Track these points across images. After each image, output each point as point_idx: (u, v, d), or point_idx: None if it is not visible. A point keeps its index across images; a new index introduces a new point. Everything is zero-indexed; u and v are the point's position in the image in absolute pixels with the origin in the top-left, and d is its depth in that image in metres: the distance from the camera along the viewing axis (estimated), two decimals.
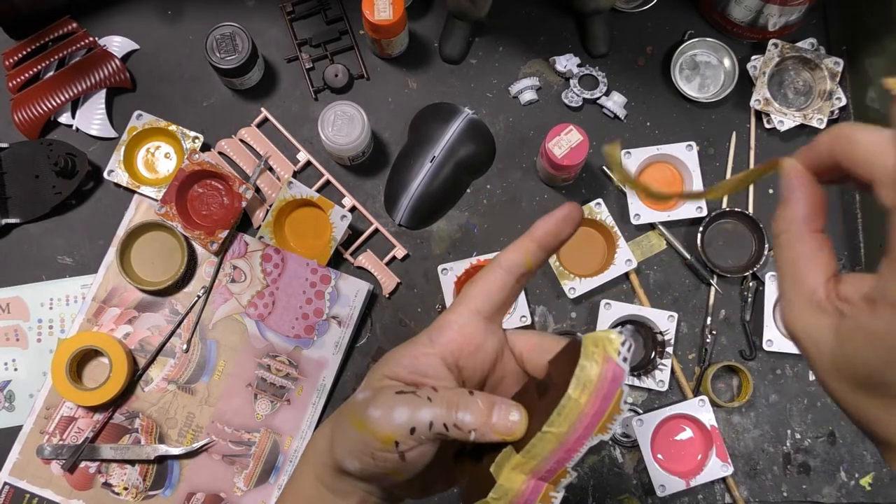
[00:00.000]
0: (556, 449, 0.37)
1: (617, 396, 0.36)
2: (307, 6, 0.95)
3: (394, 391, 0.39)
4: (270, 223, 0.89)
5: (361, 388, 0.42)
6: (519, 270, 0.42)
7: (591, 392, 0.36)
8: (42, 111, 0.91)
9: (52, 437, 0.87)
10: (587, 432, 0.36)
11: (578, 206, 0.42)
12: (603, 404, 0.36)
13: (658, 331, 0.88)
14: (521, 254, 0.41)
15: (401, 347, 0.42)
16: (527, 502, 0.37)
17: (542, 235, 0.42)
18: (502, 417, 0.38)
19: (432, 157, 0.90)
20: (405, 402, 0.38)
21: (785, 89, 0.95)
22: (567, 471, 0.37)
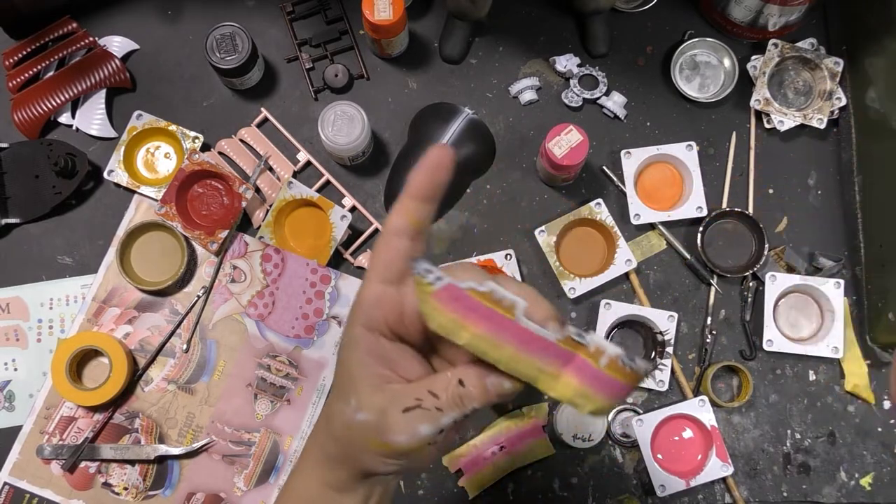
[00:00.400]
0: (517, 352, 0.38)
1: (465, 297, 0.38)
2: (307, 6, 0.95)
3: (400, 410, 0.40)
4: (270, 223, 0.89)
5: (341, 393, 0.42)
6: (408, 231, 0.41)
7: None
8: (42, 111, 0.91)
9: (52, 437, 0.87)
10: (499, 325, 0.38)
11: (445, 148, 0.42)
12: (462, 309, 0.38)
13: (658, 331, 0.88)
14: (402, 215, 0.41)
15: (344, 350, 0.42)
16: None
17: (417, 189, 0.41)
18: (497, 388, 0.40)
19: None
20: (423, 420, 0.40)
21: (785, 89, 0.95)
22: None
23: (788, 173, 0.94)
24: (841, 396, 0.90)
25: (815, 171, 0.94)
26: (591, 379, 0.39)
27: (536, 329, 0.38)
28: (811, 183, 0.94)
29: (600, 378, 0.39)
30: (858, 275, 0.90)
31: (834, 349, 0.88)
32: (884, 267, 0.87)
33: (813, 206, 0.94)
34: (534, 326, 0.38)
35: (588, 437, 0.86)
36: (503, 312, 0.38)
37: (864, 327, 0.89)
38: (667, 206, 0.92)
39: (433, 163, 0.41)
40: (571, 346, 0.39)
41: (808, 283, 0.89)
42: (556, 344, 0.39)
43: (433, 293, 0.38)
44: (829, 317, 0.89)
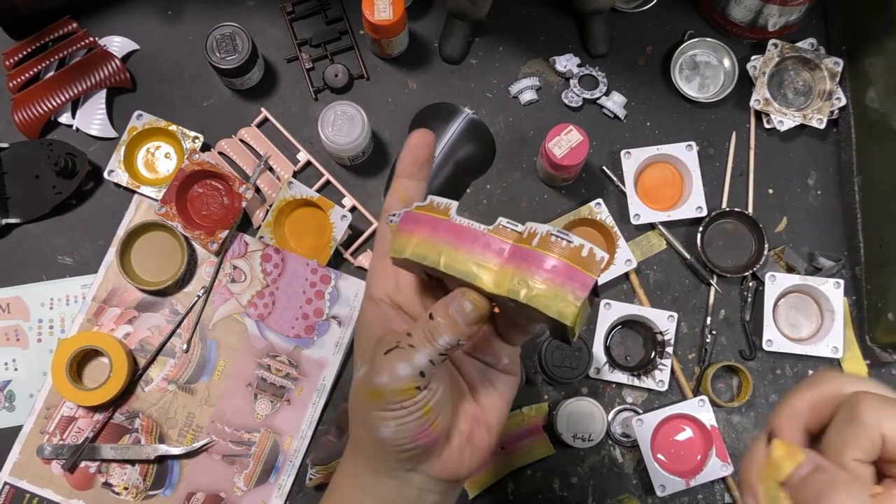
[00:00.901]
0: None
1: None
2: (307, 6, 0.95)
3: (383, 352, 0.42)
4: (270, 223, 0.89)
5: (355, 366, 0.46)
6: (401, 208, 0.45)
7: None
8: (42, 111, 0.91)
9: (53, 437, 0.87)
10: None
11: (424, 130, 0.46)
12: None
13: (658, 331, 0.88)
14: (394, 194, 0.46)
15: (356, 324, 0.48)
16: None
17: (404, 169, 0.46)
18: (461, 314, 0.41)
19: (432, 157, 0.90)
20: (399, 358, 0.41)
21: (785, 89, 0.95)
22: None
23: (788, 173, 0.94)
24: None
25: (814, 171, 0.94)
26: (526, 261, 0.36)
27: (467, 223, 0.39)
28: (811, 183, 0.94)
29: (533, 258, 0.36)
30: (858, 275, 0.90)
31: (834, 349, 0.88)
32: (883, 267, 0.87)
33: (813, 206, 0.94)
34: (465, 221, 0.40)
35: (588, 436, 0.86)
36: (439, 216, 0.40)
37: (864, 327, 0.89)
38: (667, 206, 0.92)
39: (414, 143, 0.46)
40: (505, 235, 0.38)
41: (807, 283, 0.89)
42: (487, 234, 0.38)
43: (395, 228, 0.42)
44: (829, 317, 0.89)
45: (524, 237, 0.38)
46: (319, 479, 0.86)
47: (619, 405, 0.89)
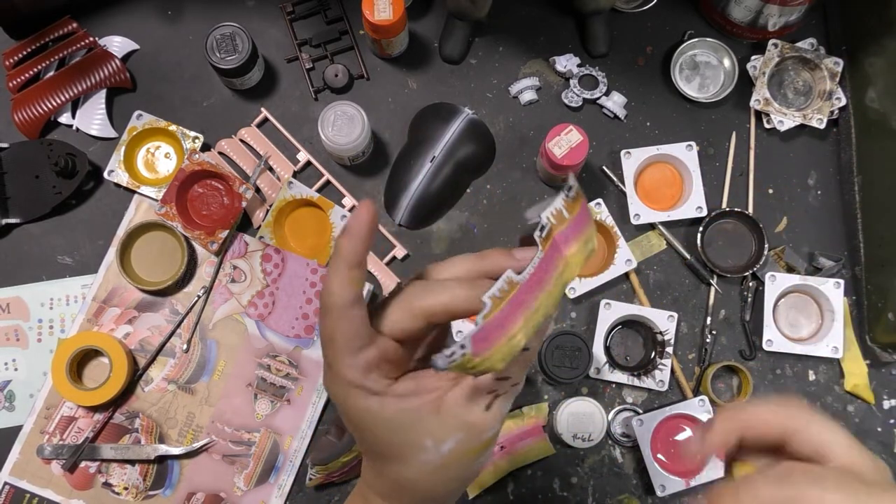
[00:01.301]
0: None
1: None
2: (307, 6, 0.95)
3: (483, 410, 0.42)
4: (270, 223, 0.89)
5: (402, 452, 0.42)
6: (359, 298, 0.40)
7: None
8: (42, 111, 0.91)
9: (53, 437, 0.87)
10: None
11: (368, 205, 0.39)
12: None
13: (658, 331, 0.88)
14: (349, 285, 0.39)
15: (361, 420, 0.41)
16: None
17: (353, 257, 0.39)
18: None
19: (432, 157, 0.90)
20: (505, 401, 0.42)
21: (785, 89, 0.95)
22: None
23: (788, 173, 0.94)
24: (840, 396, 0.90)
25: (814, 171, 0.94)
26: (576, 229, 0.40)
27: (529, 270, 0.38)
28: (811, 183, 0.94)
29: (576, 221, 0.40)
30: (858, 275, 0.90)
31: (834, 349, 0.88)
32: (883, 267, 0.87)
33: (813, 206, 0.94)
34: (528, 270, 0.38)
35: (588, 436, 0.86)
36: (510, 293, 0.38)
37: (864, 327, 0.89)
38: (667, 206, 0.92)
39: (364, 227, 0.39)
40: (548, 238, 0.39)
41: (807, 283, 0.89)
42: (546, 256, 0.39)
43: (472, 358, 0.37)
44: (829, 317, 0.89)
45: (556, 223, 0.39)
46: (319, 479, 0.86)
47: (619, 405, 0.89)
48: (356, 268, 0.39)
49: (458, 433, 0.41)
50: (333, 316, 0.39)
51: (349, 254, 0.39)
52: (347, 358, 0.40)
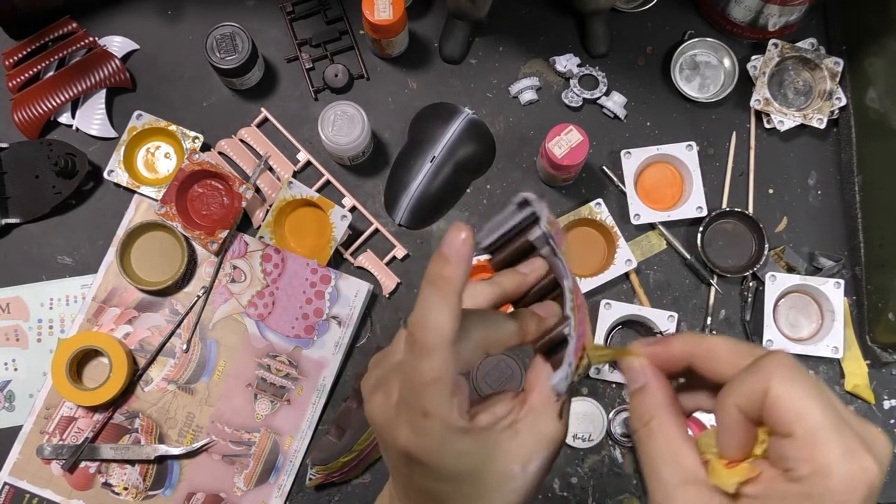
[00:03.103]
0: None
1: None
2: (307, 6, 0.95)
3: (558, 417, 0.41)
4: (270, 223, 0.89)
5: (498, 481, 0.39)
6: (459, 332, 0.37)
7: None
8: (42, 111, 0.91)
9: (52, 437, 0.87)
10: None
11: (469, 231, 0.36)
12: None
13: (658, 331, 0.88)
14: (457, 321, 0.36)
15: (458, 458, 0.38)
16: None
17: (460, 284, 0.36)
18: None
19: (432, 157, 0.90)
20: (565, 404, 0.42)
21: (785, 89, 0.95)
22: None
23: (788, 173, 0.94)
24: (841, 396, 0.90)
25: (815, 171, 0.94)
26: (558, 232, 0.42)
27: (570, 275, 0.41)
28: (811, 183, 0.94)
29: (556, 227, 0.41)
30: (858, 275, 0.90)
31: (834, 349, 0.88)
32: (884, 267, 0.87)
33: (813, 206, 0.94)
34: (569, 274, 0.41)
35: (588, 437, 0.86)
36: (577, 297, 0.40)
37: (864, 327, 0.89)
38: (667, 206, 0.92)
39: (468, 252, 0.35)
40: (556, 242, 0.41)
41: (808, 283, 0.89)
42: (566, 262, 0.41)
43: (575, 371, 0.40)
44: (829, 317, 0.89)
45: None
46: (319, 479, 0.86)
47: (619, 405, 0.89)
48: (460, 297, 0.35)
49: (541, 450, 0.39)
50: (441, 355, 0.35)
51: (457, 281, 0.35)
52: (448, 399, 0.36)
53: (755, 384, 0.33)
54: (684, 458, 0.35)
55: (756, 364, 0.34)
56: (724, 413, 0.34)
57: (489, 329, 0.39)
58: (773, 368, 0.33)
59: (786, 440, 0.32)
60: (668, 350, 0.38)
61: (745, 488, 0.33)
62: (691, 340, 0.37)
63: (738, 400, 0.34)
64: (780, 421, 0.32)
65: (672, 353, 0.38)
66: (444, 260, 0.35)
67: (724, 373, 0.36)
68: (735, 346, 0.36)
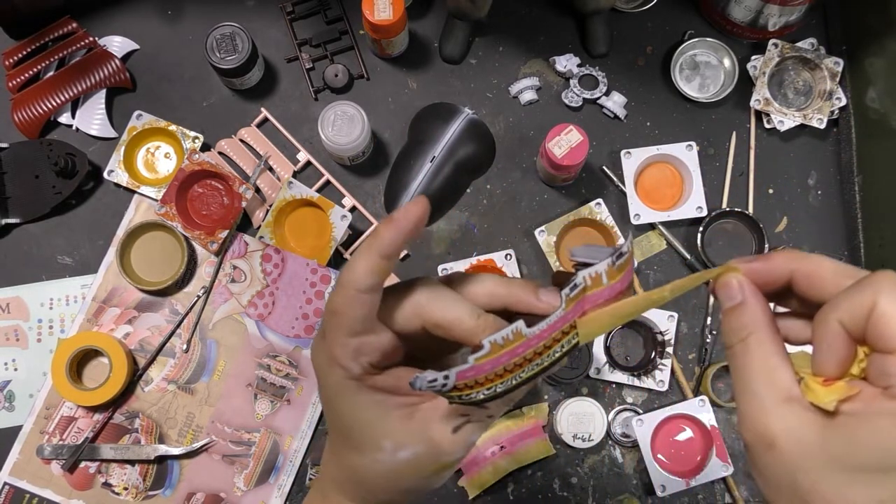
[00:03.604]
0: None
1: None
2: (307, 6, 0.95)
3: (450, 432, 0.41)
4: (270, 223, 0.89)
5: (362, 444, 0.41)
6: (377, 287, 0.39)
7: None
8: (42, 111, 0.91)
9: (52, 437, 0.87)
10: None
11: (422, 202, 0.39)
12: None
13: (658, 331, 0.88)
14: (372, 275, 0.38)
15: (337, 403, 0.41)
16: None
17: (390, 248, 0.38)
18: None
19: (432, 157, 0.90)
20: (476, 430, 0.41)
21: (785, 89, 0.95)
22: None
23: (788, 173, 0.94)
24: None
25: (815, 171, 0.94)
26: (608, 297, 0.37)
27: (541, 327, 0.36)
28: (811, 183, 0.94)
29: (612, 289, 0.37)
30: None
31: None
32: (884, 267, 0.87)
33: (813, 206, 0.94)
34: (540, 326, 0.36)
35: (588, 436, 0.86)
36: (513, 343, 0.36)
37: None
38: (667, 206, 0.92)
39: (414, 222, 0.38)
40: (576, 299, 0.37)
41: None
42: (565, 315, 0.37)
43: (452, 392, 0.37)
44: None
45: (592, 284, 0.37)
46: None
47: (619, 405, 0.89)
48: (387, 258, 0.38)
49: (417, 446, 0.40)
50: (346, 294, 0.38)
51: (386, 243, 0.38)
52: (343, 336, 0.39)
53: (862, 299, 0.32)
54: (782, 375, 0.34)
55: (863, 280, 0.33)
56: (826, 328, 0.33)
57: (431, 301, 0.39)
58: (882, 285, 0.32)
59: (889, 357, 0.31)
60: (768, 266, 0.36)
61: (842, 406, 0.32)
62: (794, 257, 0.36)
63: (841, 315, 0.33)
64: (886, 336, 0.31)
65: (773, 269, 0.36)
66: (387, 221, 0.38)
67: (827, 292, 0.35)
68: (840, 266, 0.35)
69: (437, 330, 0.39)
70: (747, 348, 0.35)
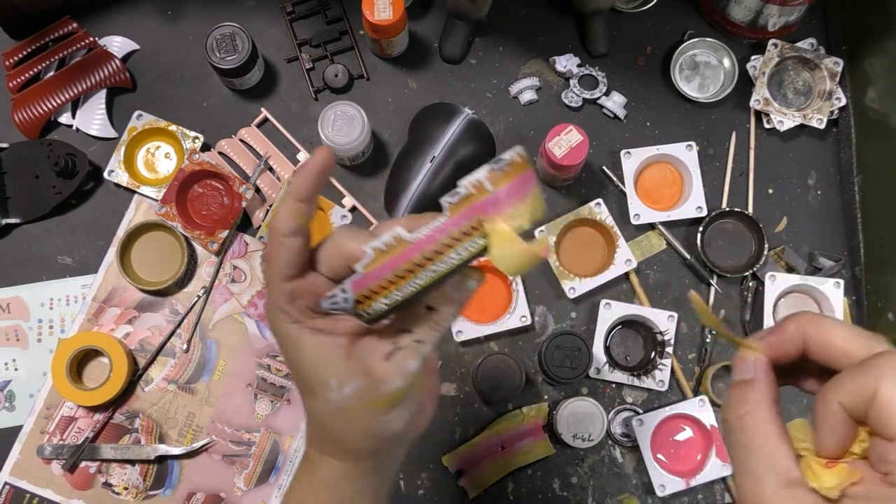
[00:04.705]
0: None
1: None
2: (307, 6, 0.95)
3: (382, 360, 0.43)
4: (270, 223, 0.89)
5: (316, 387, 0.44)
6: (300, 231, 0.42)
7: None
8: (42, 111, 0.91)
9: (53, 437, 0.87)
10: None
11: (328, 150, 0.43)
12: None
13: (658, 331, 0.88)
14: (293, 217, 0.42)
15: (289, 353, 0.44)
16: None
17: (303, 192, 0.42)
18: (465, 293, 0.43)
19: (432, 157, 0.90)
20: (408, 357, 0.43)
21: (785, 89, 0.95)
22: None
23: (788, 173, 0.94)
24: None
25: (814, 171, 0.94)
26: (498, 204, 0.39)
27: (424, 231, 0.39)
28: (811, 183, 0.94)
29: (502, 195, 0.38)
30: (858, 275, 0.90)
31: None
32: (883, 267, 0.87)
33: (813, 206, 0.94)
34: (422, 230, 0.39)
35: (588, 436, 0.86)
36: (397, 248, 0.39)
37: (864, 327, 0.89)
38: (667, 206, 0.92)
39: (318, 167, 0.43)
40: (462, 206, 0.39)
41: (807, 283, 0.89)
42: (451, 221, 0.39)
43: (356, 304, 0.40)
44: None
45: (477, 192, 0.39)
46: None
47: (619, 405, 0.89)
48: (304, 202, 0.42)
49: (357, 379, 0.42)
50: (273, 241, 0.42)
51: (299, 189, 0.42)
52: (278, 282, 0.43)
53: (864, 384, 0.32)
54: (782, 458, 0.34)
55: (866, 364, 0.33)
56: (827, 410, 0.34)
57: (349, 239, 0.43)
58: (884, 370, 0.32)
59: (890, 444, 0.32)
60: (781, 336, 0.37)
61: (845, 490, 0.33)
62: (808, 322, 0.36)
63: (843, 398, 0.33)
64: (887, 424, 0.32)
65: (786, 339, 0.37)
66: (298, 168, 0.43)
67: (836, 361, 0.35)
68: (851, 335, 0.35)
69: (355, 263, 0.42)
70: (747, 425, 0.35)
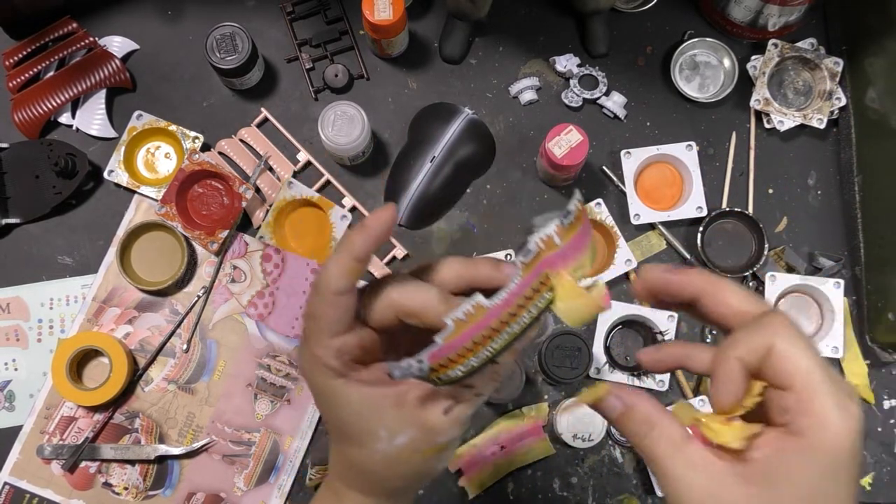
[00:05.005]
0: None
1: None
2: (307, 6, 0.95)
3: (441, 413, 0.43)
4: (270, 223, 0.89)
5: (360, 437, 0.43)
6: (352, 290, 0.41)
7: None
8: (42, 111, 0.91)
9: (53, 437, 0.87)
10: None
11: (391, 209, 0.41)
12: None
13: (658, 331, 0.88)
14: (346, 277, 0.40)
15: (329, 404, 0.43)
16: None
17: (361, 252, 0.41)
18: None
19: (432, 157, 0.90)
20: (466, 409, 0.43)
21: (785, 89, 0.95)
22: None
23: (788, 173, 0.94)
24: None
25: (814, 171, 0.94)
26: (566, 257, 0.39)
27: (501, 296, 0.38)
28: (811, 183, 0.94)
29: (568, 248, 0.38)
30: (858, 275, 0.90)
31: (834, 349, 0.88)
32: (883, 267, 0.87)
33: (813, 206, 0.94)
34: (500, 295, 0.38)
35: (588, 436, 0.86)
36: (476, 317, 0.38)
37: (864, 327, 0.89)
38: (667, 206, 0.92)
39: (381, 228, 0.41)
40: (532, 264, 0.38)
41: (807, 283, 0.89)
42: (524, 281, 0.38)
43: (429, 373, 0.39)
44: (829, 317, 0.89)
45: (546, 247, 0.38)
46: (319, 478, 0.86)
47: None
48: (359, 262, 0.40)
49: (411, 430, 0.42)
50: (323, 298, 0.41)
51: (358, 247, 0.40)
52: (324, 338, 0.41)
53: (760, 340, 0.36)
54: (673, 430, 0.37)
55: (760, 321, 0.37)
56: (726, 365, 0.36)
57: (401, 292, 0.41)
58: (777, 327, 0.36)
59: (785, 393, 0.35)
60: (684, 279, 0.40)
61: (752, 453, 0.35)
62: (707, 280, 0.39)
63: (740, 353, 0.36)
64: (782, 374, 0.35)
65: (686, 284, 0.39)
66: (358, 226, 0.41)
67: (728, 318, 0.38)
68: (744, 296, 0.38)
69: (411, 319, 0.41)
70: (653, 442, 0.37)
